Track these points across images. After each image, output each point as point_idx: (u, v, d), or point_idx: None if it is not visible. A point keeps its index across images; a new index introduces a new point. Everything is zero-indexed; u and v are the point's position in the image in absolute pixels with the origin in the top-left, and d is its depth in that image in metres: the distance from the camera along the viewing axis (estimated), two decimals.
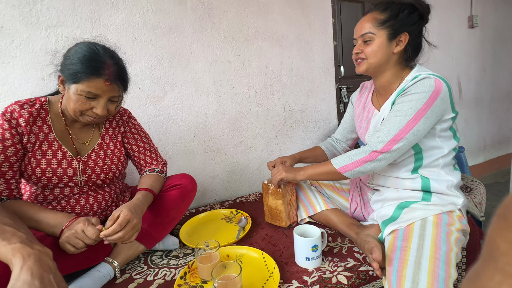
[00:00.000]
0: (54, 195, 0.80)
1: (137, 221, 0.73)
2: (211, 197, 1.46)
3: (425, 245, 0.67)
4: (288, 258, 0.85)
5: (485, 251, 0.21)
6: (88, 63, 0.71)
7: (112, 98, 0.78)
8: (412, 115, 0.73)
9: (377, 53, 0.81)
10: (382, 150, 0.76)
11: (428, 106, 0.73)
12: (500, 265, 0.19)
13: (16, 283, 0.47)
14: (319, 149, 1.14)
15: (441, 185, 0.79)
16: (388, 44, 0.80)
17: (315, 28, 1.65)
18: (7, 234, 0.54)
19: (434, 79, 0.74)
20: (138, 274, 0.83)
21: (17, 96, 1.01)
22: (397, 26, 0.79)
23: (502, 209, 0.20)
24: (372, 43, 0.81)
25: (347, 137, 1.14)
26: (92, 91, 0.72)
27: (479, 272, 0.21)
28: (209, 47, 1.36)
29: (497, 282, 0.19)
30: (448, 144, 0.81)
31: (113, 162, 0.89)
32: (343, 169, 0.81)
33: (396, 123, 0.75)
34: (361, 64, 0.85)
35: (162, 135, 1.30)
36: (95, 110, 0.75)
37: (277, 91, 1.57)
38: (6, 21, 0.97)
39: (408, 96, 0.75)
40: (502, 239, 0.19)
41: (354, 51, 0.86)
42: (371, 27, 0.81)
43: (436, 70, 0.81)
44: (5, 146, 0.71)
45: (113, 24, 1.14)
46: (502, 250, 0.19)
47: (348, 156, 0.82)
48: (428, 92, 0.72)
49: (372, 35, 0.81)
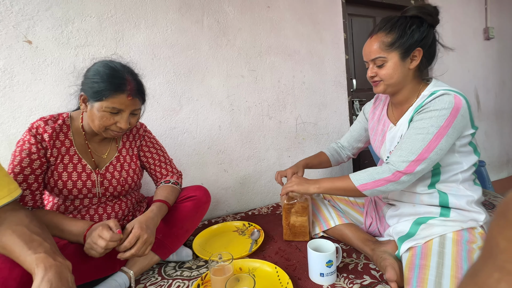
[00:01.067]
0: (74, 205, 0.84)
1: (147, 236, 0.75)
2: (224, 209, 1.47)
3: (445, 264, 0.64)
4: (302, 273, 0.84)
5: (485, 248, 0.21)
6: (111, 81, 0.75)
7: (134, 111, 0.82)
8: (434, 133, 0.71)
9: (393, 75, 0.79)
10: (405, 171, 0.73)
11: (449, 124, 0.71)
12: (499, 263, 0.19)
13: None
14: (323, 154, 1.13)
15: (461, 200, 0.76)
16: (402, 63, 0.78)
17: (327, 43, 1.69)
18: (34, 243, 0.58)
19: (453, 95, 0.72)
20: (152, 285, 0.83)
21: (47, 109, 1.08)
22: (408, 44, 0.77)
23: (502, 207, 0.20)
24: (386, 66, 0.79)
25: (353, 145, 1.12)
26: (116, 106, 0.77)
27: (478, 269, 0.21)
28: (224, 63, 1.41)
29: (496, 279, 0.19)
30: (467, 160, 0.78)
31: (129, 174, 0.92)
32: (363, 187, 0.78)
33: (418, 141, 0.73)
34: (378, 85, 0.83)
35: (177, 147, 1.34)
36: (119, 124, 0.79)
37: (289, 104, 1.59)
38: (41, 42, 1.06)
39: (427, 113, 0.73)
40: (502, 237, 0.19)
41: (368, 74, 0.84)
42: (379, 51, 0.78)
43: (452, 83, 0.80)
44: (32, 159, 0.76)
45: (135, 43, 1.22)
46: (502, 247, 0.19)
47: (369, 174, 0.79)
48: (448, 109, 0.71)
49: (383, 59, 0.79)
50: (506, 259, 0.19)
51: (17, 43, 1.03)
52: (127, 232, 0.74)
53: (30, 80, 1.06)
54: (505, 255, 0.19)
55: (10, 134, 1.04)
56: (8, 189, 0.64)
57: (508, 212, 0.19)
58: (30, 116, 1.06)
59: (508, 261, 0.18)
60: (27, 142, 0.77)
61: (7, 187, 0.64)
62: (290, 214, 1.00)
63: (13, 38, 1.02)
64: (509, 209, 0.19)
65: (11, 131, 1.04)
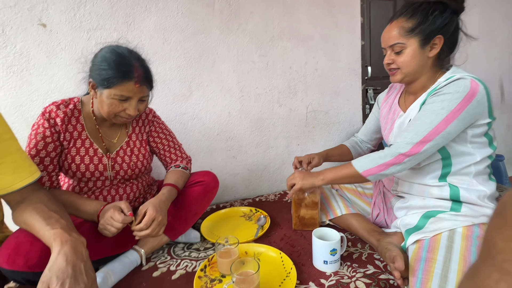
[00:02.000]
0: (88, 187, 0.88)
1: (162, 218, 0.78)
2: (231, 194, 1.49)
3: (452, 258, 0.64)
4: (306, 260, 0.86)
5: (483, 248, 0.21)
6: (118, 68, 0.75)
7: (142, 98, 0.82)
8: (444, 116, 0.69)
9: (411, 63, 0.76)
10: (409, 152, 0.72)
11: (462, 108, 0.68)
12: (497, 263, 0.19)
13: (53, 265, 0.53)
14: (344, 147, 1.12)
15: (472, 194, 0.74)
16: (421, 51, 0.75)
17: (342, 28, 1.61)
18: (52, 220, 0.62)
19: (470, 80, 0.69)
20: (162, 263, 0.88)
21: (62, 93, 1.11)
22: (429, 31, 0.74)
23: (500, 207, 0.20)
24: (404, 53, 0.76)
25: (371, 138, 1.11)
26: (124, 94, 0.77)
27: (477, 270, 0.21)
28: (235, 48, 1.38)
29: (495, 280, 0.19)
30: (481, 152, 0.75)
31: (139, 159, 0.95)
32: (366, 173, 0.78)
33: (426, 124, 0.71)
34: (396, 74, 0.80)
35: (187, 132, 1.35)
36: (127, 111, 0.80)
37: (300, 92, 1.56)
38: (55, 25, 1.08)
39: (440, 96, 0.71)
40: (500, 237, 0.19)
41: (385, 61, 0.81)
42: (399, 36, 0.76)
43: (475, 71, 0.76)
44: (46, 143, 0.79)
45: (146, 27, 1.21)
46: (500, 247, 0.19)
47: (371, 159, 0.78)
48: (462, 92, 0.68)
49: (402, 45, 0.76)
50: (505, 259, 0.18)
51: (32, 26, 1.05)
52: (141, 213, 0.77)
53: (45, 63, 1.08)
54: (504, 255, 0.19)
55: (29, 116, 1.08)
56: (29, 171, 0.68)
57: (506, 212, 0.19)
58: (46, 99, 1.10)
59: (507, 261, 0.18)
60: (41, 126, 0.80)
61: (28, 169, 0.68)
62: (301, 207, 1.00)
63: (28, 21, 1.04)
64: (507, 209, 0.19)
65: (29, 113, 1.08)
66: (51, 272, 0.52)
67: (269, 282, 0.75)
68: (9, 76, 1.04)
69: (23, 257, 0.63)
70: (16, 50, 1.04)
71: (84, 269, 0.55)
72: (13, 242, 0.65)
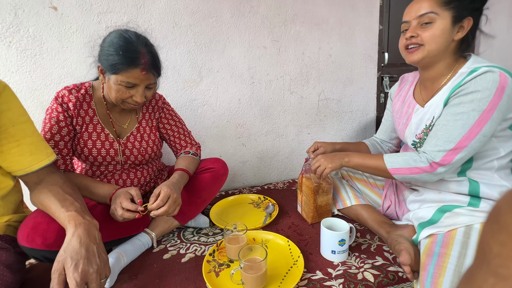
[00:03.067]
0: (100, 170, 0.90)
1: (177, 195, 0.79)
2: (240, 181, 1.50)
3: (467, 254, 0.62)
4: (313, 249, 0.86)
5: (478, 253, 0.21)
6: (125, 54, 0.74)
7: (149, 85, 0.81)
8: (476, 118, 0.64)
9: (438, 39, 0.70)
10: (442, 161, 0.68)
11: (494, 106, 0.63)
12: (493, 268, 0.19)
13: (68, 246, 0.56)
14: (363, 145, 1.06)
15: (493, 190, 0.71)
16: (451, 28, 0.70)
17: (359, 11, 1.53)
18: (67, 202, 0.64)
19: (498, 72, 0.63)
20: (172, 246, 0.90)
21: (74, 77, 1.12)
22: (462, 8, 0.68)
23: (494, 212, 0.20)
24: (433, 26, 0.70)
25: (391, 136, 1.05)
26: (130, 81, 0.76)
27: (473, 275, 0.21)
28: (246, 32, 1.34)
29: (491, 285, 0.19)
30: (505, 146, 0.71)
31: (149, 144, 0.95)
32: (395, 171, 0.75)
33: (457, 128, 0.66)
34: (416, 52, 0.73)
35: (197, 119, 1.35)
36: (134, 98, 0.80)
37: (312, 79, 1.51)
38: (66, 8, 1.07)
39: (467, 95, 0.66)
40: (494, 242, 0.19)
41: (407, 34, 0.74)
42: (433, 5, 0.69)
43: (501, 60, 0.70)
44: (60, 126, 0.81)
45: (156, 10, 1.19)
46: (495, 252, 0.19)
47: (404, 160, 0.74)
48: (492, 89, 0.63)
49: (434, 15, 0.69)
50: (500, 264, 0.18)
51: (44, 9, 1.04)
52: (155, 194, 0.77)
53: (58, 47, 1.08)
54: (499, 260, 0.18)
55: (44, 100, 1.10)
56: (46, 153, 0.70)
57: (500, 216, 0.19)
58: (60, 83, 1.11)
59: (502, 266, 0.18)
60: (55, 110, 0.81)
61: (44, 151, 0.70)
62: (318, 195, 0.97)
63: (39, 4, 1.03)
64: (501, 213, 0.19)
65: (44, 97, 1.10)
66: (66, 253, 0.54)
67: (277, 269, 0.76)
68: (23, 60, 1.05)
69: (40, 236, 0.66)
70: (29, 34, 1.04)
71: (96, 251, 0.57)
72: (31, 221, 0.68)
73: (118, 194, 0.76)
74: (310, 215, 1.00)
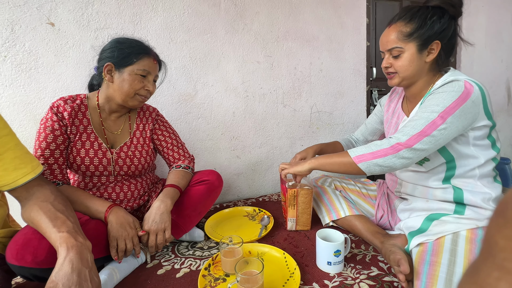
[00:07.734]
0: (93, 182, 0.89)
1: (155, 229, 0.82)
2: (235, 194, 1.50)
3: (457, 262, 0.64)
4: (309, 261, 0.86)
5: (484, 247, 0.21)
6: (139, 45, 0.86)
7: (155, 78, 0.91)
8: (440, 112, 0.69)
9: (408, 67, 0.77)
10: (406, 143, 0.70)
11: (457, 105, 0.68)
12: (498, 261, 0.19)
13: (59, 272, 0.54)
14: (338, 144, 1.13)
15: (476, 197, 0.74)
16: (419, 55, 0.76)
17: (348, 29, 1.61)
18: (58, 221, 0.62)
19: (463, 81, 0.70)
20: (166, 261, 0.88)
21: (69, 91, 1.12)
22: (427, 36, 0.74)
23: (501, 206, 0.20)
24: (402, 58, 0.77)
25: (367, 139, 1.13)
26: (146, 68, 0.85)
27: (477, 268, 0.21)
28: (240, 48, 1.39)
29: (495, 278, 0.19)
30: (485, 154, 0.75)
31: (142, 155, 0.96)
32: (358, 159, 0.75)
33: (423, 119, 0.71)
34: (393, 78, 0.82)
35: (191, 131, 1.36)
36: (146, 87, 0.87)
37: (305, 92, 1.56)
38: (63, 24, 1.09)
39: (435, 94, 0.72)
40: (500, 236, 0.19)
41: (383, 64, 0.83)
42: (397, 41, 0.76)
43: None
44: (55, 135, 0.81)
45: (152, 26, 1.22)
46: (500, 246, 0.19)
47: (367, 146, 0.77)
48: (457, 92, 0.69)
49: (400, 49, 0.77)
50: (505, 257, 0.19)
51: (41, 25, 1.06)
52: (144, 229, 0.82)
53: (53, 62, 1.09)
54: (504, 253, 0.19)
55: (36, 114, 1.10)
56: (31, 166, 0.67)
57: (507, 211, 0.19)
58: (54, 97, 1.11)
59: (507, 259, 0.18)
60: (50, 120, 0.82)
61: (30, 164, 0.67)
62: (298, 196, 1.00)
63: (36, 20, 1.05)
64: (508, 208, 0.19)
65: (37, 111, 1.10)
66: (57, 279, 0.53)
67: (273, 282, 0.75)
68: (18, 74, 1.05)
69: (31, 254, 0.64)
70: (25, 48, 1.05)
71: (89, 276, 0.56)
72: (21, 238, 0.66)
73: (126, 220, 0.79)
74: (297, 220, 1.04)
